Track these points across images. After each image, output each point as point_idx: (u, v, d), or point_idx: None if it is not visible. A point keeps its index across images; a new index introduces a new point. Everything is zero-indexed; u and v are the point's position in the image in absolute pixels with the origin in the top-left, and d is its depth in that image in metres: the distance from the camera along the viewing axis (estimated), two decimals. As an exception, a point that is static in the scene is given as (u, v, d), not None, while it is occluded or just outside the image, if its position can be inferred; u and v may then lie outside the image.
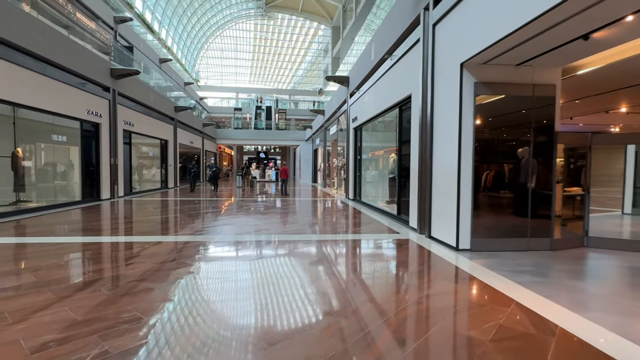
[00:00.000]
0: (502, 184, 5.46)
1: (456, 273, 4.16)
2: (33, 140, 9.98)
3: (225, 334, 2.55)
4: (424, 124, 6.38)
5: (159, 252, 4.92)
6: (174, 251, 5.00)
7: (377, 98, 10.01)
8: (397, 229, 7.16)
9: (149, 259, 4.58)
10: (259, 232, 6.80)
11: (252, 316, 2.87)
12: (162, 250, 5.04)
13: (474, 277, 3.97)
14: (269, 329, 2.65)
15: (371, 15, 30.71)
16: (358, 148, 13.01)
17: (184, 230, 6.91)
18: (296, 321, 2.82)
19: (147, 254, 4.85)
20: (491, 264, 4.54)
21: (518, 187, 5.45)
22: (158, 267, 4.18)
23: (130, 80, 14.25)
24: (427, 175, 6.23)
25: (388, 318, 2.84)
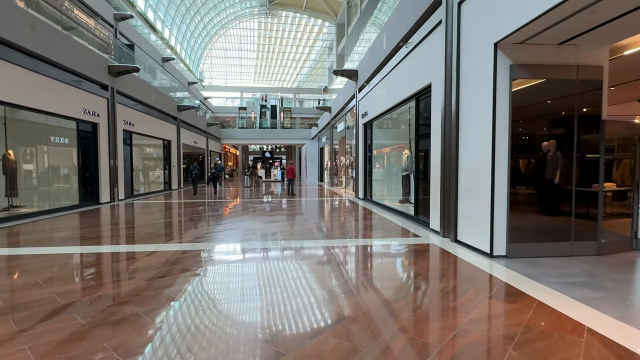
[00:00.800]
0: (540, 182, 4.78)
1: (498, 287, 3.50)
2: (26, 141, 9.48)
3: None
4: (448, 115, 5.72)
5: (152, 265, 4.32)
6: (169, 263, 4.40)
7: (389, 91, 9.34)
8: (416, 232, 6.51)
9: (140, 273, 3.99)
10: (264, 238, 6.19)
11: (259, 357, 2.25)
12: (155, 262, 4.45)
13: (522, 292, 3.31)
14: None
15: (376, 11, 29.97)
16: (368, 145, 12.34)
17: (184, 237, 6.33)
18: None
19: (139, 267, 4.26)
20: (535, 273, 3.87)
21: (554, 184, 4.77)
22: (147, 284, 3.58)
23: (129, 78, 13.74)
24: (451, 172, 5.57)
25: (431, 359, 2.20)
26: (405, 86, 8.02)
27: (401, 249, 5.32)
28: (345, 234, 6.54)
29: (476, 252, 4.84)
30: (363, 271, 4.19)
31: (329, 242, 5.74)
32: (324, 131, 25.01)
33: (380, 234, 6.53)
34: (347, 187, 17.47)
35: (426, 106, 7.11)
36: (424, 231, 6.53)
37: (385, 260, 4.74)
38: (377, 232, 6.67)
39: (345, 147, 17.95)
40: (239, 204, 12.36)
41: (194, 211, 10.10)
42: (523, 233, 4.61)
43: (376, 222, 7.78)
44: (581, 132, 4.66)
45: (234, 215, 9.18)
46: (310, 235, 6.33)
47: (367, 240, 6.00)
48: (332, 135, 21.23)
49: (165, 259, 4.65)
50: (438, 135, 6.10)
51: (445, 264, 4.38)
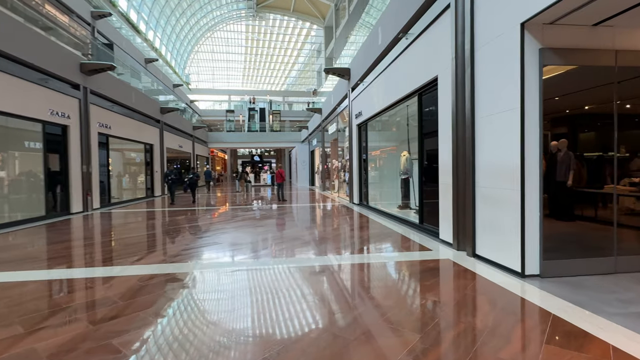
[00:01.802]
0: (576, 186, 4.09)
1: (550, 323, 2.74)
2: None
3: None
4: (460, 110, 5.00)
5: (104, 299, 3.44)
6: (127, 296, 3.53)
7: (387, 88, 8.62)
8: (424, 243, 5.75)
9: (84, 313, 3.10)
10: (248, 256, 5.35)
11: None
12: (111, 294, 3.57)
13: (584, 331, 2.56)
14: None
15: (364, 14, 29.53)
16: (363, 147, 11.61)
17: (156, 255, 5.43)
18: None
19: (86, 303, 3.36)
20: (586, 300, 3.14)
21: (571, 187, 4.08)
22: (92, 330, 2.71)
23: (105, 78, 12.73)
24: (466, 175, 4.84)
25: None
26: (405, 82, 7.31)
27: (412, 267, 4.54)
28: (344, 248, 5.74)
29: (501, 270, 4.10)
30: (371, 302, 3.39)
31: (326, 259, 4.93)
32: (314, 134, 24.25)
33: (384, 246, 5.75)
34: (340, 191, 16.71)
35: (431, 102, 6.40)
36: (433, 243, 5.77)
37: (396, 284, 3.95)
38: (379, 245, 5.89)
39: (338, 149, 17.21)
40: (225, 211, 11.46)
41: (173, 221, 9.17)
42: (558, 247, 3.89)
43: (376, 232, 7.01)
44: (622, 127, 3.98)
45: (218, 225, 8.29)
46: (303, 251, 5.51)
47: (371, 256, 5.20)
48: (323, 138, 20.49)
49: (127, 287, 3.76)
50: (447, 134, 5.37)
51: (469, 288, 3.62)
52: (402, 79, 7.50)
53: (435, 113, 6.06)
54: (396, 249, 5.53)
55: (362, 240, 6.34)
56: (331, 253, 5.27)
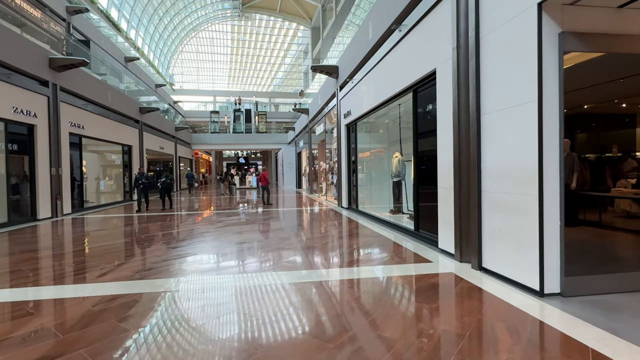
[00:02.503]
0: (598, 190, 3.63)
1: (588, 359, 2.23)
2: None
3: None
4: (463, 106, 4.50)
5: (40, 332, 2.77)
6: (74, 326, 2.87)
7: (378, 85, 8.12)
8: (421, 253, 5.22)
9: (15, 350, 2.44)
10: (226, 270, 4.72)
11: None
12: (53, 323, 2.90)
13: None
14: None
15: (350, 15, 29.22)
16: (352, 148, 11.08)
17: (121, 269, 4.74)
18: None
19: (11, 339, 2.69)
20: (626, 329, 2.64)
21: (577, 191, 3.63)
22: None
23: (78, 75, 11.86)
24: (470, 178, 4.33)
25: None
26: (398, 77, 6.81)
27: (412, 284, 3.99)
28: (332, 260, 5.16)
29: (515, 287, 3.59)
30: (368, 334, 2.82)
31: (312, 275, 4.34)
32: (301, 135, 23.66)
33: (377, 257, 5.20)
34: (328, 194, 16.15)
35: (428, 99, 5.90)
36: (432, 252, 5.25)
37: (396, 308, 3.38)
38: (372, 255, 5.33)
39: (325, 151, 16.67)
40: (206, 217, 10.74)
41: (149, 229, 8.43)
42: (572, 260, 3.40)
43: (368, 240, 6.46)
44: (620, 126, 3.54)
45: (196, 233, 7.60)
46: (287, 265, 4.91)
47: (362, 269, 4.63)
48: (310, 139, 19.92)
49: (78, 313, 3.09)
50: (448, 132, 4.87)
51: (484, 312, 3.09)
52: (395, 74, 7.00)
53: (433, 110, 5.57)
54: (391, 260, 4.98)
55: (352, 249, 5.77)
56: (317, 267, 4.69)
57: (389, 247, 5.76)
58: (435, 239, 5.46)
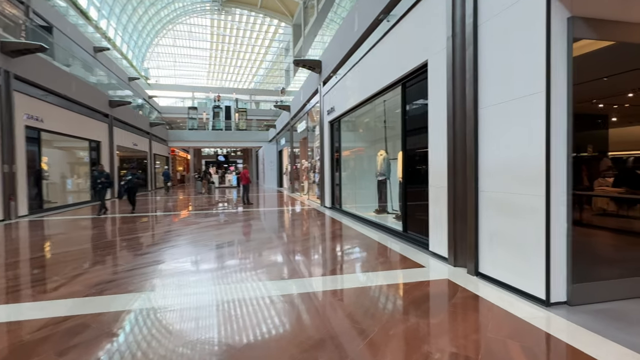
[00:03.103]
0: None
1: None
2: None
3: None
4: (458, 99, 4.17)
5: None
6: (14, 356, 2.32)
7: (363, 80, 7.75)
8: (413, 256, 4.87)
9: None
10: (197, 280, 4.21)
11: None
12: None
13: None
14: None
15: (331, 14, 28.95)
16: (335, 146, 10.69)
17: (75, 283, 4.13)
18: None
19: None
20: None
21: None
22: None
23: (35, 62, 10.88)
24: (468, 177, 4.01)
25: None
26: (386, 71, 6.45)
27: (404, 294, 3.62)
28: (314, 267, 4.73)
29: (517, 295, 3.28)
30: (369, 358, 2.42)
31: (291, 285, 3.91)
32: (282, 133, 23.11)
33: (364, 262, 4.81)
34: (310, 193, 15.73)
35: (418, 93, 5.57)
36: (422, 255, 4.92)
37: (390, 323, 2.99)
38: (358, 260, 4.95)
39: (307, 149, 16.23)
40: (181, 218, 10.08)
41: (115, 232, 7.73)
42: (588, 268, 3.12)
43: (354, 242, 6.07)
44: None
45: (168, 237, 7.00)
46: (265, 272, 4.45)
47: (347, 277, 4.23)
48: (292, 137, 19.42)
49: (9, 344, 2.53)
50: (441, 128, 4.54)
51: (488, 326, 2.74)
52: (382, 68, 6.65)
53: (424, 105, 5.23)
54: (380, 265, 4.61)
55: (337, 254, 5.37)
56: (300, 274, 4.25)
57: (376, 250, 5.39)
58: (426, 241, 5.14)
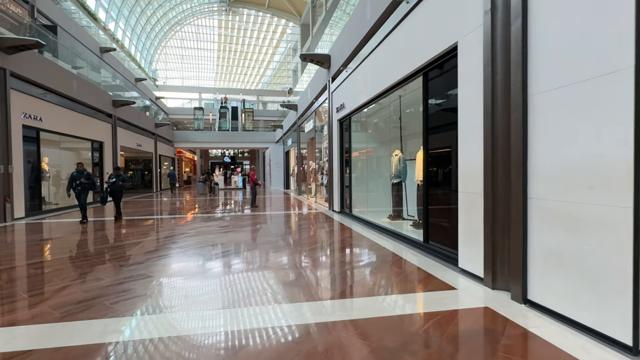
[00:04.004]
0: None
1: None
2: None
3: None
4: (499, 85, 3.43)
5: None
6: None
7: (377, 72, 7.05)
8: (438, 274, 4.13)
9: None
10: (189, 301, 3.55)
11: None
12: None
13: None
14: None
15: (339, 12, 28.35)
16: (345, 145, 9.99)
17: (52, 300, 3.51)
18: None
19: None
20: None
21: None
22: None
23: (34, 59, 10.44)
24: (514, 181, 3.27)
25: None
26: (403, 61, 5.74)
27: (435, 330, 2.89)
28: (321, 287, 4.03)
29: (583, 332, 2.54)
30: None
31: (294, 313, 3.22)
32: (289, 133, 22.49)
33: (381, 282, 4.09)
34: (318, 195, 15.04)
35: (444, 82, 4.85)
36: (450, 273, 4.18)
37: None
38: (374, 278, 4.23)
39: (315, 150, 15.56)
40: (180, 223, 9.48)
41: (107, 237, 7.16)
42: None
43: (367, 255, 5.36)
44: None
45: (163, 244, 6.38)
46: (266, 294, 3.77)
47: (363, 303, 3.52)
48: (299, 138, 18.78)
49: None
50: (476, 122, 3.80)
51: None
52: (399, 58, 5.93)
53: (451, 97, 4.51)
54: (399, 284, 3.89)
55: (346, 268, 4.66)
56: (302, 296, 3.55)
57: (393, 264, 4.67)
58: (454, 256, 4.40)
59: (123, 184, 9.87)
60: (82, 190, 9.03)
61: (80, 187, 8.95)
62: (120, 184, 9.77)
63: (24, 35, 12.39)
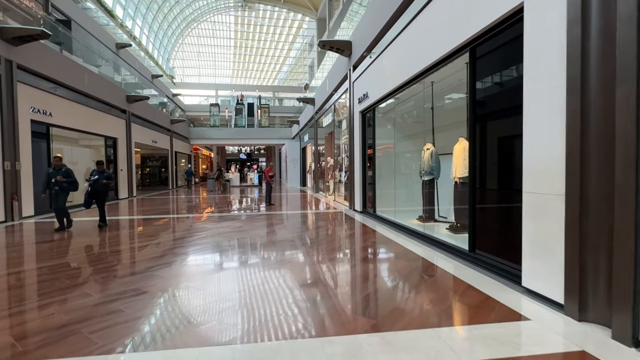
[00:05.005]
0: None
1: None
2: None
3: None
4: (593, 51, 2.57)
5: None
6: None
7: (407, 55, 6.19)
8: (498, 295, 3.28)
9: None
10: (189, 326, 2.85)
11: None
12: None
13: None
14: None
15: (355, 5, 27.33)
16: (368, 138, 9.16)
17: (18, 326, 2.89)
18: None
19: None
20: None
21: None
22: None
23: (42, 52, 10.05)
24: (617, 181, 2.40)
25: None
26: (442, 37, 4.87)
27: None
28: (355, 307, 3.26)
29: None
30: None
31: (338, 348, 2.46)
32: (306, 128, 21.75)
33: (427, 301, 3.28)
34: (337, 193, 14.26)
35: (500, 57, 3.97)
36: (511, 293, 3.33)
37: None
38: (421, 298, 3.42)
39: (333, 146, 14.75)
40: (189, 224, 8.89)
41: (105, 241, 6.61)
42: None
43: (402, 265, 4.54)
44: None
45: (162, 249, 5.75)
46: (296, 320, 3.03)
47: (413, 336, 2.72)
48: (316, 133, 18.00)
49: None
50: (552, 104, 2.94)
51: None
52: (436, 34, 5.07)
53: (509, 75, 3.64)
54: (453, 311, 3.07)
55: (383, 286, 3.86)
56: (332, 329, 2.79)
57: (438, 280, 3.85)
58: (513, 271, 3.55)
59: (108, 182, 7.97)
60: (61, 191, 7.41)
61: (58, 187, 7.35)
62: (103, 183, 7.87)
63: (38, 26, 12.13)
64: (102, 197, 8.01)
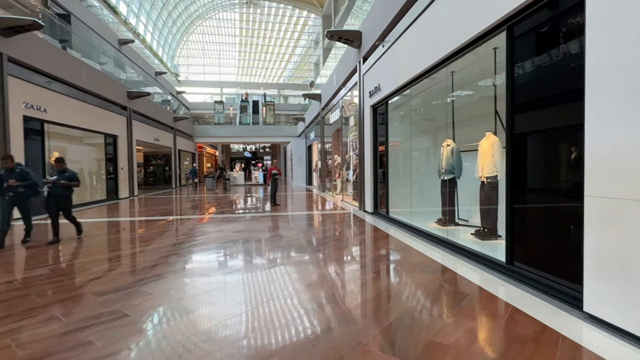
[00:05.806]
0: None
1: None
2: None
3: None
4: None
5: None
6: None
7: (426, 40, 5.55)
8: (555, 324, 2.64)
9: None
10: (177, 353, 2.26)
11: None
12: None
13: None
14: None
15: (360, 1, 26.57)
16: (380, 134, 8.53)
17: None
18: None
19: None
20: None
21: None
22: None
23: (36, 44, 9.56)
24: None
25: None
26: (470, 16, 4.23)
27: None
28: (389, 342, 2.65)
29: None
30: None
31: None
32: (312, 126, 21.14)
33: (471, 335, 2.66)
34: (344, 193, 13.65)
35: (545, 34, 3.33)
36: (570, 321, 2.70)
37: None
38: (457, 326, 2.80)
39: (341, 143, 14.13)
40: (188, 227, 8.35)
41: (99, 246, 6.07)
42: None
43: (426, 279, 3.92)
44: None
45: (156, 256, 5.20)
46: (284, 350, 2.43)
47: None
48: (323, 130, 17.39)
49: None
50: (630, 85, 2.30)
51: None
52: (462, 14, 4.43)
53: (558, 56, 3.00)
54: (504, 347, 2.46)
55: (410, 308, 3.25)
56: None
57: (475, 301, 3.22)
58: (569, 292, 2.92)
59: (68, 184, 6.07)
60: (23, 198, 5.73)
61: (13, 193, 5.57)
62: (62, 184, 5.97)
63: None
64: (62, 203, 6.15)
